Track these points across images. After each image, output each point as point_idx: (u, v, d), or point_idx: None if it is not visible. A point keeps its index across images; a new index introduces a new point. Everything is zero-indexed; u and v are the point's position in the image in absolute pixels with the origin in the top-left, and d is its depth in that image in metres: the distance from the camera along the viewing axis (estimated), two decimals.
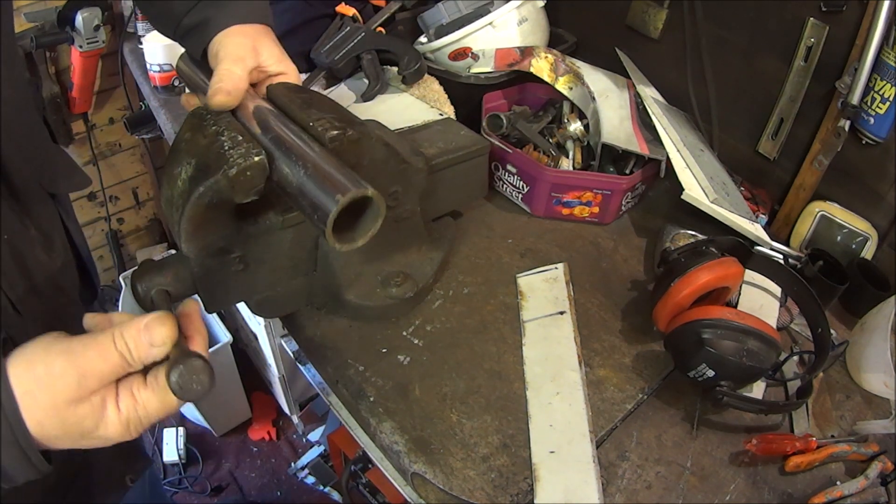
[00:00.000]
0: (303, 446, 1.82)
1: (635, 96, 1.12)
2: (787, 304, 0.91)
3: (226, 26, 0.69)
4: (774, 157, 1.07)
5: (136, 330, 0.45)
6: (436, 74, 1.16)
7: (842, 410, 0.81)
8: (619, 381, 0.80)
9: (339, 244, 0.59)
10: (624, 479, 0.71)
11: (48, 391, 0.42)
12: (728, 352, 0.71)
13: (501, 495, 0.68)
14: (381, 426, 0.74)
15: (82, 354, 0.44)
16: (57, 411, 0.43)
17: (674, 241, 0.99)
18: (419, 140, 0.92)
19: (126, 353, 0.45)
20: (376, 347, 0.82)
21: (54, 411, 0.43)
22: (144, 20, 1.40)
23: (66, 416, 0.43)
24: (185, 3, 0.70)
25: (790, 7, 0.96)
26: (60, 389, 0.43)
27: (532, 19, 1.17)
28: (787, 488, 0.72)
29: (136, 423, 0.46)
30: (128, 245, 2.03)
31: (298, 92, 0.70)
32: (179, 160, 0.65)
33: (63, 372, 0.43)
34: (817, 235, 1.00)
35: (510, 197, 1.08)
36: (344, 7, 1.21)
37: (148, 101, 1.37)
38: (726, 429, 0.77)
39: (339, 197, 0.55)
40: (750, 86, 1.07)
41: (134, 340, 0.45)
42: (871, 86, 0.87)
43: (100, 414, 0.44)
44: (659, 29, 1.17)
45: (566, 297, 0.90)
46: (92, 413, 0.44)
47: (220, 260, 0.71)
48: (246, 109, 0.66)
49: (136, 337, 0.45)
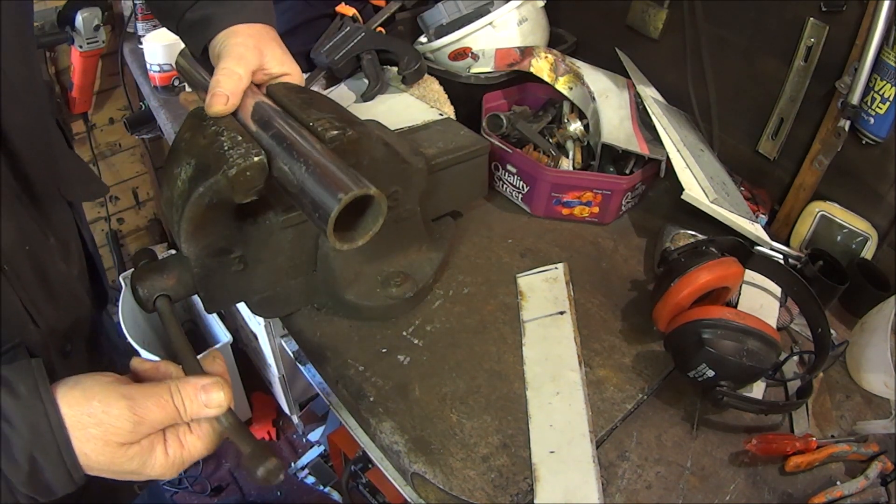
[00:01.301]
0: (303, 446, 1.82)
1: (635, 96, 1.12)
2: (787, 304, 0.91)
3: (229, 25, 0.68)
4: (774, 157, 1.07)
5: (194, 389, 0.49)
6: (436, 74, 1.16)
7: (842, 410, 0.81)
8: (619, 381, 0.80)
9: (340, 243, 0.59)
10: (624, 479, 0.71)
11: (102, 428, 0.45)
12: (728, 352, 0.71)
13: (501, 495, 0.68)
14: (381, 426, 0.74)
15: (141, 403, 0.47)
16: (107, 449, 0.46)
17: (674, 241, 0.99)
18: (419, 140, 0.92)
19: (181, 408, 0.48)
20: (376, 347, 0.82)
21: (104, 448, 0.46)
22: (144, 20, 1.40)
23: (115, 454, 0.46)
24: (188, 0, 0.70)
25: (790, 7, 0.96)
26: (115, 431, 0.45)
27: (532, 19, 1.17)
28: (787, 488, 0.72)
29: (179, 464, 0.49)
30: (128, 245, 2.03)
31: (298, 92, 0.69)
32: (179, 160, 0.65)
33: (120, 415, 0.45)
34: (817, 235, 1.00)
35: (510, 197, 1.08)
36: (344, 7, 1.21)
37: (148, 101, 1.37)
38: (726, 429, 0.77)
39: (342, 195, 0.54)
40: (750, 86, 1.07)
41: (190, 399, 0.49)
42: (871, 86, 0.87)
43: (147, 456, 0.48)
44: (659, 29, 1.17)
45: (566, 297, 0.90)
46: (140, 455, 0.47)
47: (220, 260, 0.71)
48: (246, 108, 0.66)
49: (193, 396, 0.49)
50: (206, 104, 0.64)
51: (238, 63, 0.65)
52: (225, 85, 0.64)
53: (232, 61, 0.65)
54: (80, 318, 0.68)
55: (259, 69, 0.68)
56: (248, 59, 0.66)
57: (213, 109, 0.64)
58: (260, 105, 0.65)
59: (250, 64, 0.66)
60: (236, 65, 0.65)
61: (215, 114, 0.64)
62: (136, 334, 1.46)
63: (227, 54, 0.66)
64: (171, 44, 1.23)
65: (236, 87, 0.65)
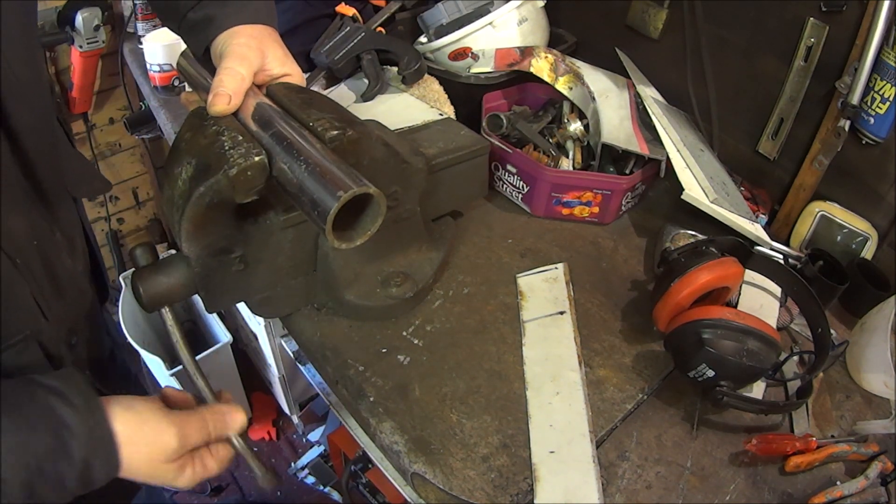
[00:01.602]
0: (303, 446, 1.82)
1: (635, 96, 1.12)
2: (787, 304, 0.91)
3: (231, 25, 0.69)
4: (774, 157, 1.07)
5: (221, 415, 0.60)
6: (436, 74, 1.16)
7: (842, 410, 0.81)
8: (619, 381, 0.80)
9: (339, 242, 0.59)
10: (624, 479, 0.71)
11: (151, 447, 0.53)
12: (728, 352, 0.71)
13: (501, 495, 0.68)
14: (381, 426, 0.74)
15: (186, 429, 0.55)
16: (150, 464, 0.54)
17: (674, 241, 0.99)
18: (419, 140, 0.92)
19: (213, 431, 0.58)
20: (376, 347, 0.82)
21: (148, 464, 0.54)
22: (144, 20, 1.40)
23: (155, 468, 0.54)
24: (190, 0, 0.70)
25: (790, 7, 0.96)
26: (161, 450, 0.54)
27: (532, 19, 1.17)
28: (787, 488, 0.72)
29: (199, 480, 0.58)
30: (128, 245, 2.03)
31: (298, 92, 0.70)
32: (180, 160, 0.65)
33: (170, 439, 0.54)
34: (817, 235, 1.00)
35: (510, 197, 1.08)
36: (344, 7, 1.21)
37: (148, 101, 1.37)
38: (726, 429, 0.77)
39: (341, 194, 0.54)
40: (750, 86, 1.07)
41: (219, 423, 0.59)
42: (871, 86, 0.87)
43: (179, 472, 0.56)
44: (659, 29, 1.17)
45: (566, 297, 0.90)
46: (174, 470, 0.56)
47: (220, 260, 0.71)
48: (247, 108, 0.66)
49: (221, 420, 0.59)
50: (209, 103, 0.64)
51: (241, 63, 0.66)
52: (228, 84, 0.64)
53: (235, 61, 0.66)
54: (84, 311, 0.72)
55: (261, 70, 0.68)
56: (251, 59, 0.67)
57: (216, 108, 0.64)
58: (261, 105, 0.65)
59: (253, 64, 0.67)
60: (239, 65, 0.65)
61: (217, 113, 0.64)
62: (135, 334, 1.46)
63: (229, 54, 0.66)
64: (171, 44, 1.23)
65: (239, 87, 0.65)
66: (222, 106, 0.64)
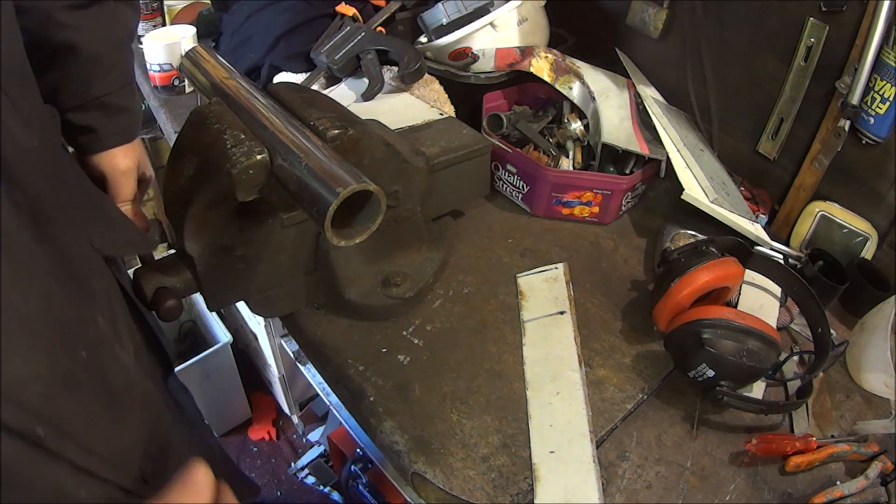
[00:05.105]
0: (303, 446, 1.82)
1: (635, 96, 1.12)
2: (787, 304, 0.91)
3: (114, 146, 0.73)
4: (774, 157, 1.07)
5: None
6: (436, 74, 1.16)
7: (842, 410, 0.81)
8: (619, 381, 0.80)
9: (338, 239, 0.59)
10: (624, 479, 0.71)
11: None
12: (728, 352, 0.71)
13: (501, 495, 0.68)
14: (381, 426, 0.74)
15: None
16: None
17: (674, 241, 0.99)
18: (421, 139, 0.92)
19: None
20: (376, 347, 0.82)
21: None
22: (144, 20, 1.39)
23: None
24: (74, 99, 0.68)
25: (790, 7, 0.96)
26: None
27: (532, 19, 1.17)
28: (787, 488, 0.72)
29: None
30: None
31: (299, 91, 0.70)
32: (182, 159, 0.65)
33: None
34: (817, 235, 1.00)
35: (510, 197, 1.08)
36: (344, 7, 1.21)
37: (148, 101, 1.37)
38: (726, 429, 0.77)
39: (340, 190, 0.54)
40: (750, 86, 1.07)
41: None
42: (871, 86, 0.87)
43: None
44: (659, 29, 1.17)
45: (566, 297, 0.90)
46: None
47: (222, 258, 0.71)
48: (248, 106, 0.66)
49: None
50: None
51: (128, 178, 0.76)
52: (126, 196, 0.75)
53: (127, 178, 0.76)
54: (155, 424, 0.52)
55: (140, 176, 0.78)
56: (134, 173, 0.76)
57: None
58: (261, 104, 0.66)
59: (136, 176, 0.77)
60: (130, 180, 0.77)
61: None
62: None
63: (120, 173, 0.74)
64: (172, 44, 1.23)
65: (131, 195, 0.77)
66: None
